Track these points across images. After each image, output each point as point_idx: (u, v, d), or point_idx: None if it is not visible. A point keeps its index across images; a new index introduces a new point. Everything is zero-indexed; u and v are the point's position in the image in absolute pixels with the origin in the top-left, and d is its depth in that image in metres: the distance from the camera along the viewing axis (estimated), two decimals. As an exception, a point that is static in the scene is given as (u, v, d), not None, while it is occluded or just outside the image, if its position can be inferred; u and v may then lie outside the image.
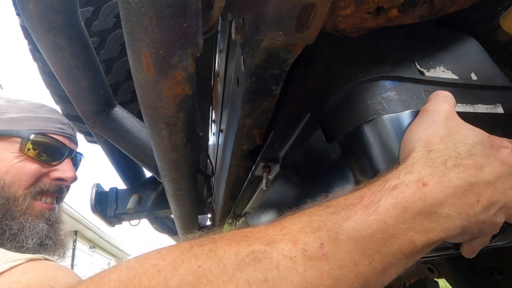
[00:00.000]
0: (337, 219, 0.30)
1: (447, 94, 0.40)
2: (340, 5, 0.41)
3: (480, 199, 0.32)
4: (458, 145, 0.35)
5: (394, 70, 0.47)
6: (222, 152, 0.92)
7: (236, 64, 0.54)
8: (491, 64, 0.54)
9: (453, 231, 0.31)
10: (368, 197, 0.32)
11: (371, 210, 0.31)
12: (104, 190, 1.56)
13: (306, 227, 0.30)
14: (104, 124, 0.84)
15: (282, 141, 0.62)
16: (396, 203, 0.31)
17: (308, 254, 0.28)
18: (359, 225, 0.30)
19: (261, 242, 0.29)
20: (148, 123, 0.55)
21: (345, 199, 0.33)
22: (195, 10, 0.34)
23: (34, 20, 0.54)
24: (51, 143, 0.81)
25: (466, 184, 0.32)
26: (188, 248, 0.29)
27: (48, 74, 1.11)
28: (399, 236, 0.30)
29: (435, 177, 0.32)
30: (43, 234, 0.74)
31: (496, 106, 0.48)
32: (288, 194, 0.68)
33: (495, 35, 0.55)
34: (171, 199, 1.02)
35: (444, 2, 0.44)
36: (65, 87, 0.71)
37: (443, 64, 0.51)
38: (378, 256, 0.29)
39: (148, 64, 0.38)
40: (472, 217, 0.32)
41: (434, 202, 0.31)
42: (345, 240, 0.29)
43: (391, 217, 0.30)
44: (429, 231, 0.30)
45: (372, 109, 0.43)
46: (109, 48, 1.07)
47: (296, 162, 0.62)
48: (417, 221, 0.30)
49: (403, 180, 0.32)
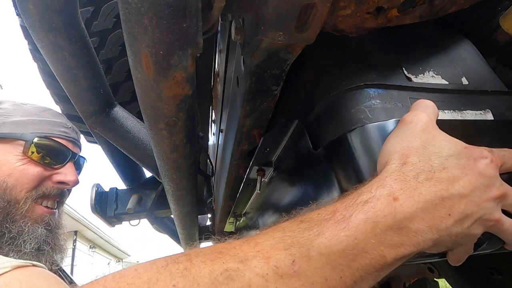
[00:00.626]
0: (309, 235, 0.31)
1: (428, 103, 0.40)
2: (340, 5, 0.41)
3: (452, 213, 0.32)
4: (432, 158, 0.35)
5: (380, 77, 0.47)
6: (222, 152, 0.92)
7: (236, 64, 0.54)
8: (484, 67, 0.53)
9: (423, 245, 0.31)
10: (340, 211, 0.32)
11: (342, 225, 0.31)
12: (104, 190, 1.56)
13: (279, 244, 0.31)
14: (104, 124, 0.84)
15: (274, 146, 0.62)
16: (367, 218, 0.31)
17: (279, 272, 0.29)
18: (330, 242, 0.30)
19: (234, 260, 0.30)
20: (148, 123, 0.55)
21: (318, 213, 0.34)
22: (195, 10, 0.34)
23: (34, 20, 0.54)
24: (55, 146, 0.81)
25: (437, 198, 0.32)
26: (164, 266, 0.30)
27: (48, 74, 1.11)
28: (369, 251, 0.30)
29: (406, 191, 0.32)
30: (41, 239, 0.74)
31: (486, 112, 0.46)
32: (285, 196, 0.68)
33: (495, 35, 0.55)
34: (171, 199, 1.02)
35: (444, 2, 0.44)
36: (65, 87, 0.71)
37: (432, 69, 0.50)
38: (348, 271, 0.30)
39: (148, 64, 0.38)
40: (444, 230, 0.32)
41: (404, 217, 0.31)
42: (316, 257, 0.30)
43: (361, 233, 0.31)
44: (399, 245, 0.31)
45: (355, 117, 0.43)
46: (109, 48, 1.07)
47: (289, 166, 0.63)
48: (388, 235, 0.31)
49: (375, 194, 0.33)
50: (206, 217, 2.02)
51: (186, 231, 1.45)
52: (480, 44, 0.59)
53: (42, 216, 0.76)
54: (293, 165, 0.61)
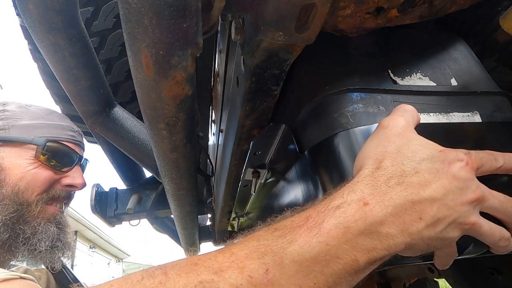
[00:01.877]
0: (283, 243, 0.31)
1: (408, 107, 0.40)
2: (340, 5, 0.41)
3: (423, 217, 0.32)
4: (405, 162, 0.35)
5: (364, 81, 0.46)
6: (222, 152, 0.92)
7: (236, 64, 0.54)
8: (477, 68, 0.52)
9: (395, 248, 0.32)
10: (313, 218, 0.33)
11: (314, 232, 0.31)
12: (104, 190, 1.56)
13: (253, 253, 0.31)
14: (104, 124, 0.84)
15: (265, 149, 0.62)
16: (338, 223, 0.31)
17: (253, 281, 0.29)
18: (302, 248, 0.31)
19: (209, 271, 0.30)
20: (148, 123, 0.55)
21: (292, 221, 0.34)
22: (195, 10, 0.34)
23: (34, 21, 0.54)
24: (64, 150, 0.83)
25: (407, 203, 0.32)
26: (139, 280, 0.30)
27: (48, 74, 1.11)
28: (342, 256, 0.31)
29: (376, 196, 0.32)
30: (54, 237, 0.77)
31: (473, 114, 0.46)
32: (282, 197, 0.68)
33: (495, 36, 0.55)
34: (171, 199, 1.02)
35: (444, 2, 0.44)
36: (65, 87, 0.71)
37: (420, 71, 0.49)
38: (322, 277, 0.30)
39: (148, 64, 0.38)
40: (415, 234, 0.32)
41: (374, 221, 0.31)
42: (289, 264, 0.30)
43: (333, 238, 0.31)
44: (371, 249, 0.31)
45: (338, 122, 0.43)
46: (109, 48, 1.07)
47: (282, 168, 0.63)
48: (359, 240, 0.31)
49: (346, 199, 0.33)
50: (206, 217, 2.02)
51: (186, 231, 1.45)
52: (480, 44, 0.59)
53: (54, 215, 0.79)
54: (285, 167, 0.61)
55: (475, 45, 0.62)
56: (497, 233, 0.35)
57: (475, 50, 0.63)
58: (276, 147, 0.61)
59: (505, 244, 0.35)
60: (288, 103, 0.58)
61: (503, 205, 0.35)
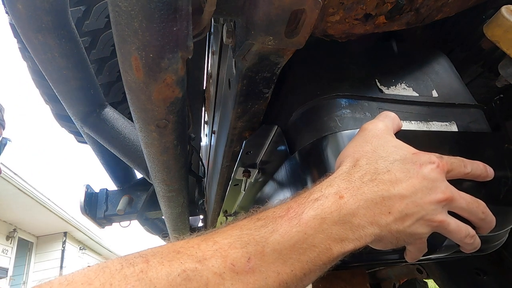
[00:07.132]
0: (265, 233, 0.33)
1: (389, 114, 0.44)
2: (329, 11, 0.41)
3: (391, 211, 0.35)
4: (379, 161, 0.38)
5: (353, 88, 0.50)
6: (214, 154, 0.92)
7: (228, 67, 0.55)
8: (456, 81, 0.56)
9: (365, 239, 0.34)
10: (294, 209, 0.35)
11: (294, 222, 0.33)
12: (94, 191, 1.54)
13: (236, 242, 0.32)
14: (95, 125, 0.83)
15: (256, 150, 0.64)
16: (316, 214, 0.34)
17: (235, 269, 0.31)
18: (283, 238, 0.33)
19: (192, 259, 0.30)
20: (138, 125, 0.55)
21: (274, 211, 0.36)
22: (186, 14, 0.34)
23: (23, 20, 0.53)
24: None
25: (378, 197, 0.35)
26: (118, 269, 0.28)
27: (38, 73, 1.09)
28: (317, 244, 0.33)
29: (350, 190, 0.35)
30: None
31: (451, 123, 0.49)
32: (270, 196, 0.70)
33: (480, 43, 0.57)
34: (161, 201, 1.01)
35: (430, 10, 0.45)
36: (54, 87, 0.70)
37: (405, 81, 0.53)
38: (298, 264, 0.32)
39: (138, 67, 0.37)
40: (384, 226, 0.35)
41: (347, 213, 0.34)
42: (270, 253, 0.32)
43: (311, 228, 0.33)
44: (344, 239, 0.34)
45: (327, 126, 0.46)
46: (100, 48, 1.06)
47: (272, 168, 0.65)
48: (333, 230, 0.33)
49: (324, 193, 0.36)
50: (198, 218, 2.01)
51: (177, 232, 1.44)
52: (467, 51, 0.61)
53: None
54: (275, 167, 0.63)
55: (462, 52, 0.64)
56: (464, 230, 0.37)
57: (462, 56, 0.65)
58: (268, 147, 0.62)
59: (471, 241, 0.38)
60: (281, 106, 0.60)
61: (470, 205, 0.38)
